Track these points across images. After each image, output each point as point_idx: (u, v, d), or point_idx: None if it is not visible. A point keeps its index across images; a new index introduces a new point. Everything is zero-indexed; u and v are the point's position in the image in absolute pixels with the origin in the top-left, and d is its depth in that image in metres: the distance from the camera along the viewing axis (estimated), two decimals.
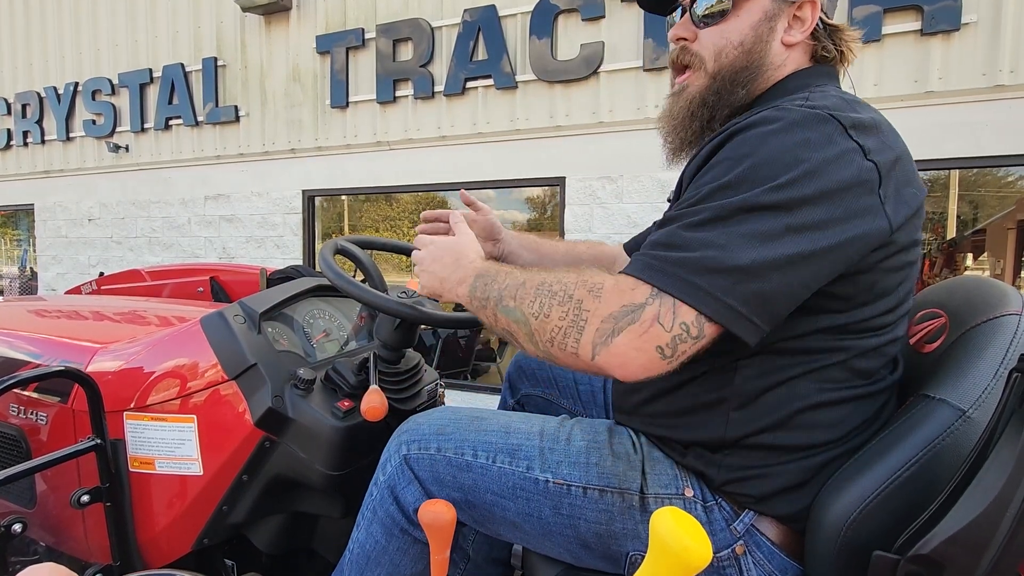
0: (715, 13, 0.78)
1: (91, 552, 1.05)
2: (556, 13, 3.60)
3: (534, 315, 0.68)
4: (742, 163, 0.63)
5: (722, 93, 0.78)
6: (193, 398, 0.97)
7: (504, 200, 4.46)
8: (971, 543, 0.52)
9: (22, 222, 6.53)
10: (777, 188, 0.61)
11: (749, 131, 0.65)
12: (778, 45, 0.78)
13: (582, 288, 0.66)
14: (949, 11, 2.83)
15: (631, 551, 0.74)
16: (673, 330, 0.61)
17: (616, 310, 0.63)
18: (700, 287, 0.60)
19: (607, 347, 0.63)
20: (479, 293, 0.75)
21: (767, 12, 0.76)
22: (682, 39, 0.82)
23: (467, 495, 0.79)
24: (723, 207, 0.62)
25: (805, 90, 0.74)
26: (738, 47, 0.77)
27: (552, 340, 0.66)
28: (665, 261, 0.62)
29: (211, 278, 1.80)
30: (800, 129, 0.63)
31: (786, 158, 0.61)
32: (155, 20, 5.01)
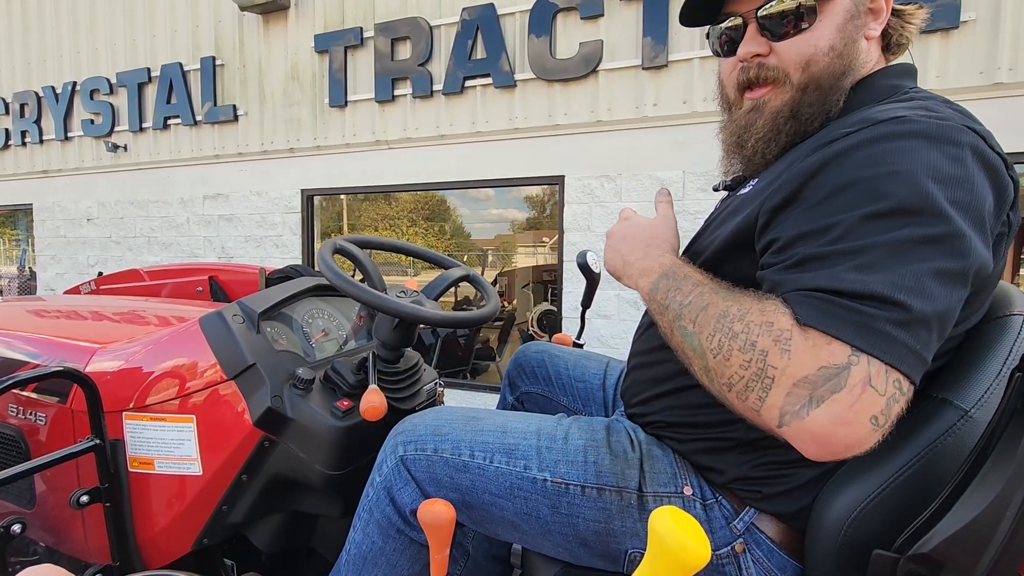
0: (796, 22, 0.70)
1: (91, 552, 1.05)
2: (555, 12, 3.60)
3: (712, 351, 0.60)
4: (892, 184, 0.55)
5: (816, 103, 0.71)
6: (192, 398, 0.97)
7: (503, 199, 4.46)
8: (971, 542, 0.52)
9: (21, 222, 6.52)
10: (940, 216, 0.54)
11: (883, 143, 0.58)
12: (863, 43, 0.73)
13: (766, 334, 0.56)
14: (948, 9, 2.83)
15: (630, 549, 0.74)
16: (888, 392, 0.52)
17: (812, 373, 0.53)
18: (905, 345, 0.52)
19: (801, 419, 0.53)
20: (659, 296, 0.69)
21: (850, 10, 0.71)
22: (757, 56, 0.74)
23: (465, 496, 0.79)
24: (896, 241, 0.54)
25: (897, 92, 0.70)
26: (829, 53, 0.70)
27: (730, 386, 0.58)
28: (858, 313, 0.53)
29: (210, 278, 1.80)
30: (944, 144, 0.57)
31: (943, 176, 0.55)
32: (153, 19, 5.00)
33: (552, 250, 4.17)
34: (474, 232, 4.80)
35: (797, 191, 0.62)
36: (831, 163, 0.60)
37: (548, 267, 4.34)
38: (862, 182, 0.57)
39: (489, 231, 4.74)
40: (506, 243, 4.73)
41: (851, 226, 0.56)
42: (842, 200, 0.58)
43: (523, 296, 4.63)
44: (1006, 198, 0.60)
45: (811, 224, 0.59)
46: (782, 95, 0.73)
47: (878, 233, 0.55)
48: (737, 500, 0.72)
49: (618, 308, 3.59)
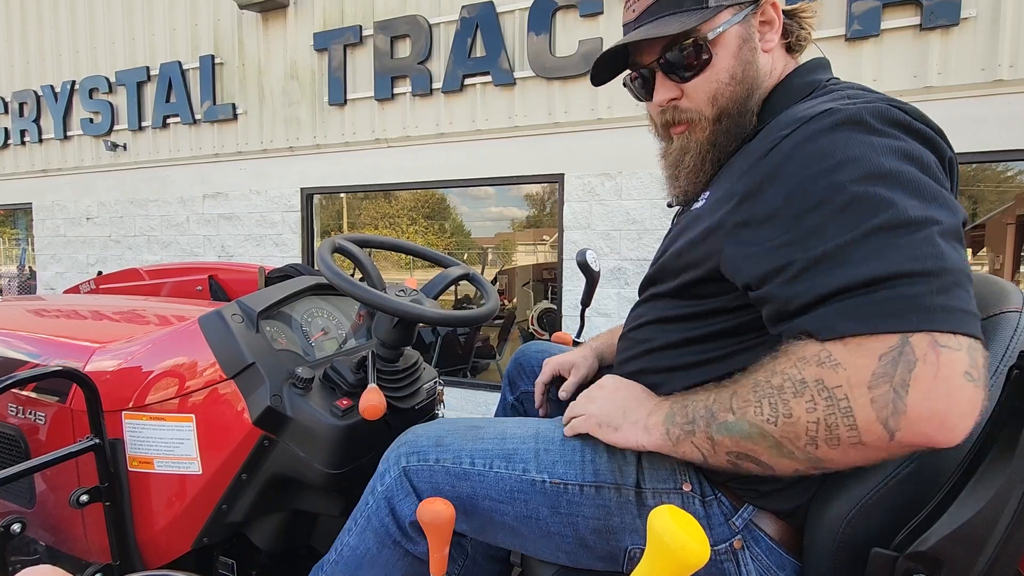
0: (696, 64, 0.75)
1: (91, 552, 1.05)
2: (554, 9, 3.59)
3: (770, 421, 0.56)
4: (850, 171, 0.56)
5: (731, 128, 0.76)
6: (192, 397, 0.97)
7: (503, 197, 4.46)
8: (970, 540, 0.52)
9: (20, 221, 6.52)
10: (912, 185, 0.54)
11: (820, 138, 0.59)
12: (763, 58, 0.77)
13: (807, 367, 0.54)
14: (948, 6, 2.82)
15: (630, 546, 0.74)
16: (959, 343, 0.49)
17: (876, 367, 0.50)
18: (944, 308, 0.50)
19: (905, 414, 0.49)
20: (679, 419, 0.66)
21: (741, 35, 0.75)
22: (671, 100, 0.79)
23: (465, 503, 0.78)
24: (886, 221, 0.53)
25: (816, 88, 0.74)
26: (731, 82, 0.75)
27: (815, 440, 0.54)
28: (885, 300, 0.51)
29: (209, 277, 1.80)
30: (879, 123, 0.59)
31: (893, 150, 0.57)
32: (152, 18, 4.99)
33: (552, 248, 4.17)
34: (474, 231, 4.80)
35: (756, 204, 0.63)
36: (782, 168, 0.61)
37: (548, 265, 4.34)
38: (821, 178, 0.58)
39: (489, 229, 4.74)
40: (506, 241, 4.73)
41: (831, 222, 0.56)
42: (810, 200, 0.58)
43: (523, 294, 4.63)
44: (947, 168, 0.61)
45: (789, 234, 0.58)
46: (701, 133, 0.77)
47: (864, 220, 0.54)
48: (735, 497, 0.72)
49: (618, 306, 3.59)
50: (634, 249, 3.56)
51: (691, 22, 0.72)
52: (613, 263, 3.59)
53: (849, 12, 2.99)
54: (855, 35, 2.99)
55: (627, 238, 3.59)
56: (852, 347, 0.52)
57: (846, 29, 3.00)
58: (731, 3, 0.74)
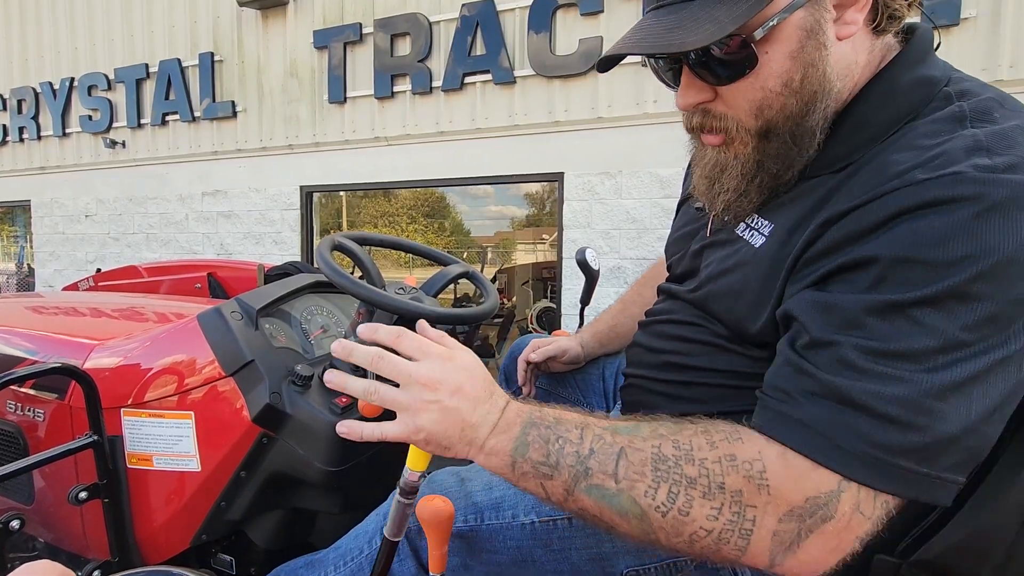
0: (738, 66, 0.55)
1: (89, 548, 1.05)
2: (555, 8, 3.59)
3: (658, 508, 0.49)
4: (939, 275, 0.45)
5: (784, 151, 0.58)
6: (191, 395, 0.97)
7: (503, 196, 4.46)
8: (976, 549, 0.51)
9: (19, 218, 6.51)
10: (992, 320, 0.44)
11: (931, 215, 0.46)
12: (838, 50, 0.56)
13: (733, 472, 0.48)
14: (949, 5, 2.82)
15: (625, 569, 0.72)
16: (874, 513, 0.47)
17: (799, 504, 0.47)
18: (917, 472, 0.46)
19: (793, 555, 0.48)
20: (535, 454, 0.53)
21: (806, 26, 0.54)
22: (700, 104, 0.60)
23: (464, 559, 0.77)
24: (925, 349, 0.45)
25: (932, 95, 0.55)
26: (784, 91, 0.55)
27: (693, 542, 0.49)
28: (868, 444, 0.46)
29: (208, 274, 1.79)
30: (1017, 214, 0.45)
31: (1007, 262, 0.44)
32: (151, 15, 4.98)
33: (551, 247, 4.16)
34: (473, 229, 4.80)
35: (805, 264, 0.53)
36: (863, 236, 0.49)
37: (547, 264, 4.34)
38: (898, 263, 0.47)
39: (489, 228, 4.74)
40: (505, 240, 4.73)
41: (858, 316, 0.47)
42: (862, 279, 0.48)
43: (522, 293, 4.63)
44: None
45: (812, 306, 0.51)
46: (742, 145, 0.60)
47: (898, 326, 0.46)
48: None
49: None
50: (634, 248, 3.56)
51: (730, 20, 0.51)
52: (613, 262, 3.59)
53: None
54: None
55: (627, 237, 3.59)
56: (791, 473, 0.48)
57: None
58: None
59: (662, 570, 0.71)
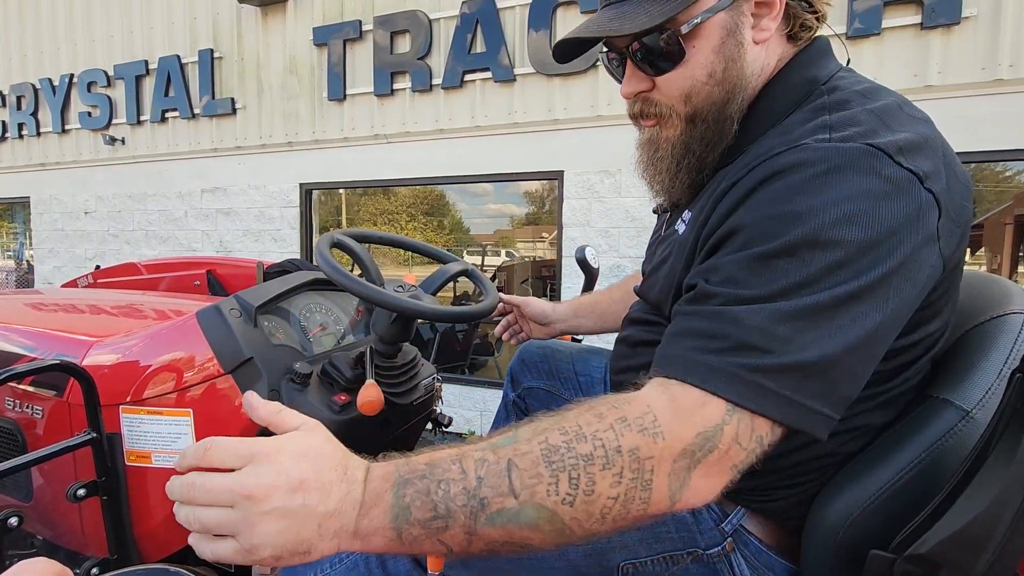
0: (669, 57, 0.65)
1: (88, 545, 1.05)
2: (555, 6, 3.58)
3: (565, 500, 0.48)
4: (792, 226, 0.53)
5: (708, 135, 0.67)
6: (189, 392, 0.97)
7: (502, 194, 4.45)
8: (969, 543, 0.52)
9: (18, 215, 6.50)
10: (841, 263, 0.51)
11: (779, 180, 0.55)
12: (753, 52, 0.66)
13: (627, 431, 0.50)
14: (949, 5, 2.82)
15: (621, 562, 0.72)
16: (750, 446, 0.52)
17: (691, 441, 0.50)
18: (780, 395, 0.51)
19: (687, 488, 0.51)
20: (420, 513, 0.47)
21: (727, 26, 0.64)
22: (641, 93, 0.70)
23: (460, 557, 0.77)
24: (781, 289, 0.52)
25: (812, 92, 0.64)
26: (708, 81, 0.65)
27: (604, 517, 0.49)
28: (736, 366, 0.51)
29: (207, 271, 1.79)
30: (846, 176, 0.53)
31: (842, 217, 0.52)
32: (150, 11, 4.96)
33: (551, 246, 4.16)
34: (473, 227, 4.79)
35: (706, 235, 0.61)
36: (743, 201, 0.58)
37: (547, 262, 4.34)
38: (762, 221, 0.55)
39: (488, 226, 4.73)
40: (505, 238, 4.73)
41: (743, 269, 0.54)
42: (735, 242, 0.56)
43: (522, 291, 4.63)
44: (924, 221, 0.54)
45: (703, 272, 0.58)
46: (673, 130, 0.69)
47: (762, 276, 0.53)
48: (727, 501, 0.71)
49: None
50: (633, 247, 3.56)
51: (660, 14, 0.62)
52: (612, 260, 3.59)
53: (850, 10, 2.98)
54: (856, 33, 2.98)
55: (626, 236, 3.58)
56: (679, 412, 0.51)
57: (847, 27, 2.99)
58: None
59: (658, 563, 0.71)
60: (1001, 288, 0.73)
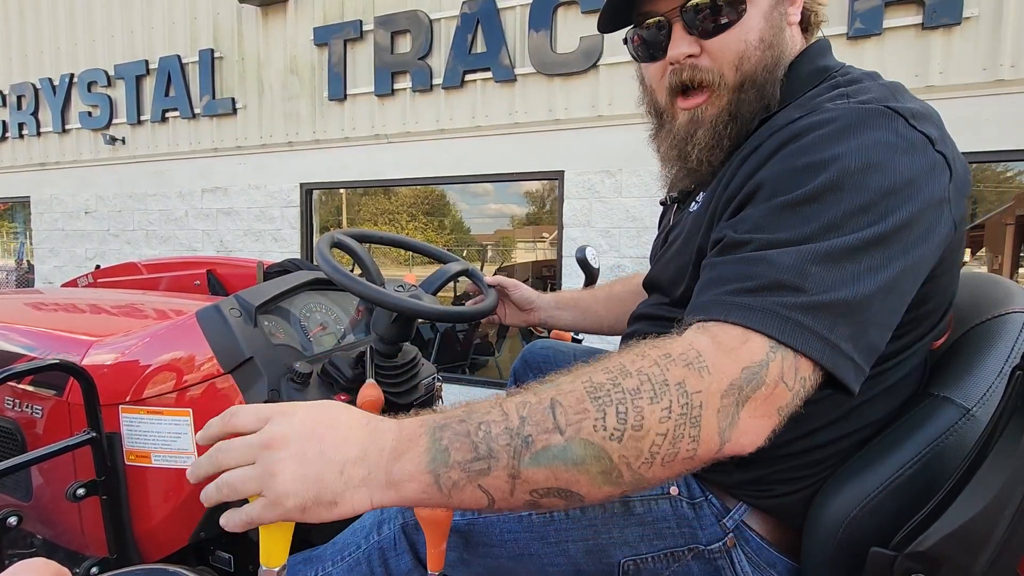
0: (726, 14, 0.66)
1: (88, 545, 1.05)
2: (555, 6, 3.58)
3: (612, 435, 0.46)
4: (817, 174, 0.55)
5: (754, 100, 0.68)
6: (189, 391, 0.97)
7: (502, 194, 4.45)
8: (969, 540, 0.52)
9: (18, 214, 6.50)
10: (865, 208, 0.53)
11: (802, 138, 0.58)
12: (788, 29, 0.70)
13: (674, 367, 0.49)
14: (950, 5, 2.82)
15: (621, 559, 0.73)
16: (794, 387, 0.51)
17: (737, 376, 0.49)
18: (818, 334, 0.51)
19: (735, 427, 0.49)
20: (460, 455, 0.46)
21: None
22: (689, 57, 0.69)
23: (461, 554, 0.77)
24: (811, 233, 0.53)
25: (824, 77, 0.68)
26: (760, 46, 0.67)
27: (654, 456, 0.47)
28: (774, 304, 0.51)
29: (208, 271, 1.79)
30: (866, 130, 0.56)
31: (864, 165, 0.54)
32: (151, 11, 4.97)
33: (551, 246, 4.16)
34: (473, 227, 4.79)
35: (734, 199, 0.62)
36: (758, 167, 0.60)
37: (547, 262, 4.34)
38: (782, 176, 0.57)
39: (489, 226, 4.73)
40: (505, 238, 4.72)
41: (776, 216, 0.56)
42: (761, 195, 0.58)
43: None
44: (937, 177, 0.56)
45: (731, 225, 0.60)
46: (719, 101, 0.69)
47: (793, 221, 0.54)
48: (728, 497, 0.72)
49: None
50: (633, 247, 3.56)
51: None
52: (612, 260, 3.59)
53: (851, 10, 2.98)
54: (857, 33, 2.98)
55: (627, 236, 3.58)
56: (723, 348, 0.51)
57: (848, 27, 2.99)
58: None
59: (659, 559, 0.71)
60: (1002, 288, 0.73)
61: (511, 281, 1.19)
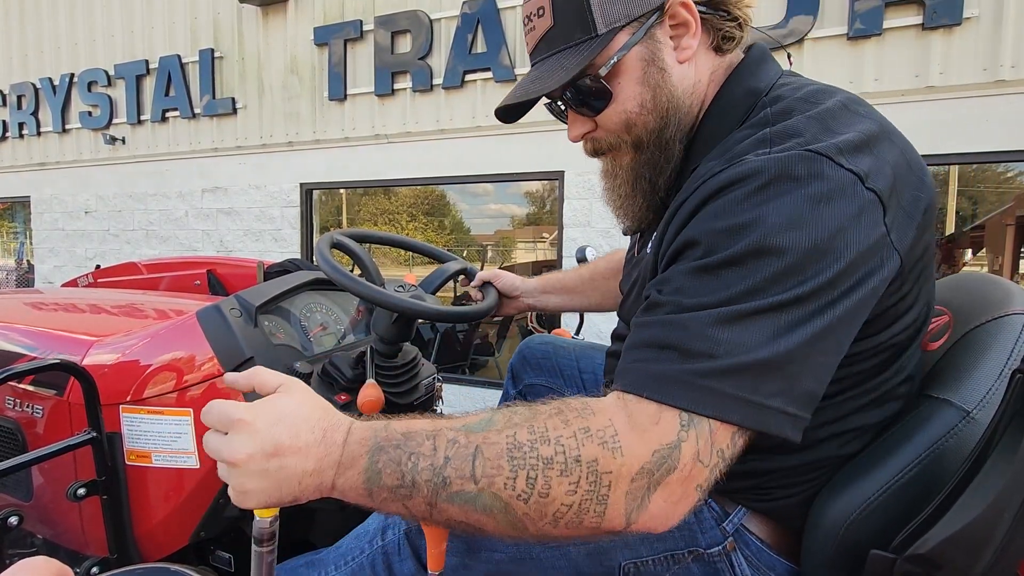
0: (598, 98, 0.68)
1: (88, 545, 1.05)
2: None
3: (520, 496, 0.50)
4: (738, 238, 0.53)
5: (656, 159, 0.70)
6: (190, 391, 0.97)
7: (503, 194, 4.45)
8: (969, 543, 0.52)
9: (18, 214, 6.50)
10: (788, 271, 0.52)
11: (722, 195, 0.56)
12: (679, 72, 0.67)
13: (588, 442, 0.50)
14: (950, 5, 2.82)
15: (622, 561, 0.73)
16: (711, 461, 0.51)
17: (648, 459, 0.50)
18: (737, 397, 0.50)
19: (644, 510, 0.51)
20: (389, 480, 0.52)
21: (645, 56, 0.65)
22: (587, 134, 0.73)
23: (463, 559, 0.77)
24: (727, 297, 0.52)
25: (751, 100, 0.65)
26: (641, 111, 0.67)
27: (557, 521, 0.51)
28: (687, 373, 0.51)
29: (208, 271, 1.79)
30: (786, 183, 0.54)
31: (786, 224, 0.52)
32: (151, 11, 4.97)
33: (552, 246, 4.16)
34: (473, 227, 4.79)
35: (663, 253, 0.63)
36: (683, 224, 0.60)
37: (547, 263, 4.34)
38: (705, 236, 0.56)
39: (489, 226, 4.73)
40: (506, 238, 4.72)
41: (686, 278, 0.55)
42: (686, 256, 0.57)
43: None
44: (869, 221, 0.54)
45: (656, 284, 0.59)
46: (624, 155, 0.72)
47: (710, 284, 0.53)
48: (728, 501, 0.72)
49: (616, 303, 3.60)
50: None
51: (575, 65, 0.64)
52: None
53: (851, 11, 2.98)
54: (857, 34, 2.98)
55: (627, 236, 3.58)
56: (636, 427, 0.51)
57: (848, 28, 3.00)
58: (625, 22, 0.63)
59: (659, 562, 0.71)
60: (1002, 289, 0.73)
61: (492, 272, 1.21)
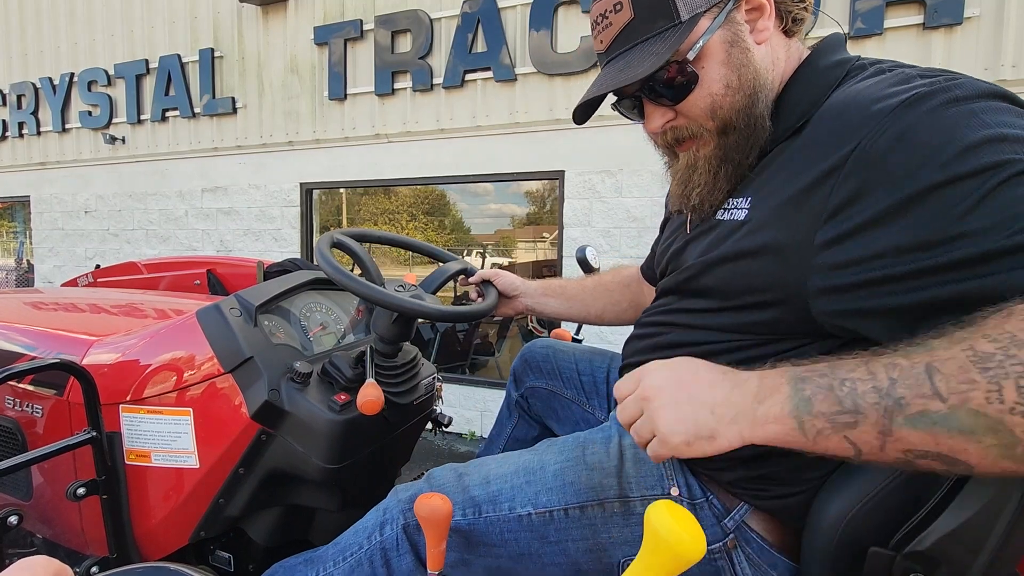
0: (684, 85, 0.67)
1: (88, 544, 1.05)
2: (556, 5, 3.57)
3: (1015, 409, 0.42)
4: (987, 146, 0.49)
5: (742, 141, 0.68)
6: (189, 391, 0.97)
7: (503, 194, 4.45)
8: (968, 540, 0.52)
9: (18, 214, 6.50)
10: None
11: (938, 113, 0.52)
12: (760, 52, 0.68)
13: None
14: (952, 5, 2.81)
15: (621, 559, 0.73)
16: None
17: None
18: None
19: None
20: (824, 406, 0.48)
21: (727, 39, 0.66)
22: (666, 124, 0.72)
23: (462, 555, 0.78)
24: None
25: (851, 72, 0.65)
26: (727, 92, 0.67)
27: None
28: None
29: (208, 271, 1.79)
30: (982, 93, 0.53)
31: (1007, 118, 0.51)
32: (151, 10, 4.96)
33: (552, 245, 4.16)
34: (474, 227, 4.78)
35: (863, 209, 0.54)
36: (897, 148, 0.53)
37: (548, 262, 4.34)
38: (921, 147, 0.51)
39: (489, 226, 4.73)
40: (506, 238, 4.72)
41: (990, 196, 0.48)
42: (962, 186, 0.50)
43: None
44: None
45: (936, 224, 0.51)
46: (706, 144, 0.71)
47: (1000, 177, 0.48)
48: (729, 498, 0.72)
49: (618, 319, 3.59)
50: (634, 247, 3.55)
51: (665, 50, 0.64)
52: (613, 260, 3.58)
53: (852, 10, 2.98)
54: (858, 33, 2.98)
55: (627, 236, 3.58)
56: None
57: (849, 27, 2.99)
58: (706, 7, 0.65)
59: None
60: None
61: (493, 271, 1.20)
